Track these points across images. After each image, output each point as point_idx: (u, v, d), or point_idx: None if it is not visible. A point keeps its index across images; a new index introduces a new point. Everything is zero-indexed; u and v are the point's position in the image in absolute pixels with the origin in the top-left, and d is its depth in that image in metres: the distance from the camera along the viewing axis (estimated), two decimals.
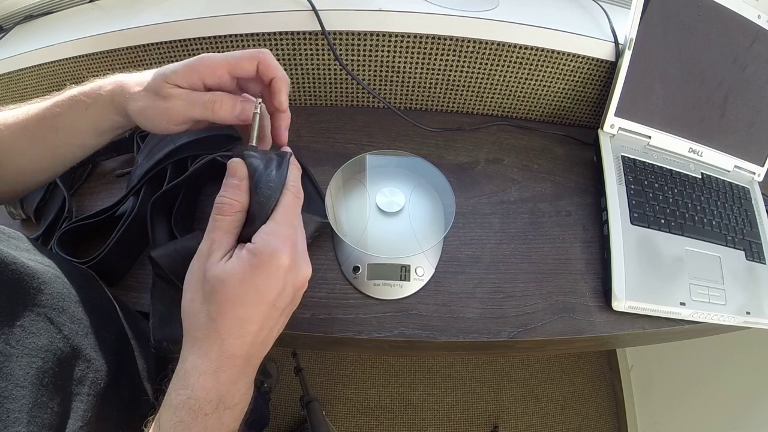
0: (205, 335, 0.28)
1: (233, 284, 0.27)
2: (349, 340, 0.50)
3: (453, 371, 1.34)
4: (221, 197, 0.29)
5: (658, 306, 0.51)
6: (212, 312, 0.28)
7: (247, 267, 0.27)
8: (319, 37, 0.61)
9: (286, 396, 1.29)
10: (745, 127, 0.63)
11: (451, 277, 0.53)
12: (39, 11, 0.72)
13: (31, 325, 0.28)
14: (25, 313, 0.28)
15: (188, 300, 0.29)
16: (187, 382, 0.27)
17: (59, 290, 0.31)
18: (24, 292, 0.29)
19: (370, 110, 0.71)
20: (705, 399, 1.00)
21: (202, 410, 0.27)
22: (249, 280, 0.27)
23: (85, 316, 0.33)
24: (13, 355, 0.26)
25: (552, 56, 0.62)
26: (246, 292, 0.28)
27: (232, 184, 0.29)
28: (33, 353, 0.27)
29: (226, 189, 0.29)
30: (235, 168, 0.30)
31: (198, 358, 0.28)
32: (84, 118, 0.37)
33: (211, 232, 0.29)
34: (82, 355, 0.31)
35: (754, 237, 0.60)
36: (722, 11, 0.58)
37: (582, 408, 1.31)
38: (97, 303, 0.35)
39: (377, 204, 0.55)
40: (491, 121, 0.70)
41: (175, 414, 0.27)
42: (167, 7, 0.62)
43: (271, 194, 0.29)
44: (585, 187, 0.63)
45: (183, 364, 0.28)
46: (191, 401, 0.27)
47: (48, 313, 0.29)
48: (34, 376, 0.27)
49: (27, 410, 0.25)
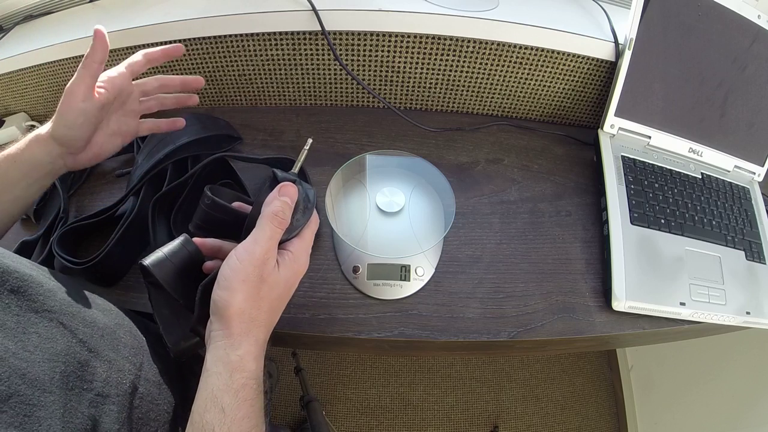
0: (255, 325, 0.33)
1: (283, 285, 0.34)
2: (349, 340, 0.50)
3: (453, 371, 1.34)
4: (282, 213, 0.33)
5: (658, 306, 0.51)
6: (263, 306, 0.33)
7: (291, 272, 0.35)
8: (319, 37, 0.61)
9: (286, 396, 1.29)
10: (745, 127, 0.63)
11: (451, 277, 0.53)
12: (39, 11, 0.72)
13: (46, 331, 0.28)
14: (37, 320, 0.28)
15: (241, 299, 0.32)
16: (244, 367, 0.31)
17: (66, 297, 0.31)
18: (32, 299, 0.28)
19: (370, 110, 0.71)
20: (705, 399, 1.00)
21: (260, 388, 0.32)
22: (290, 281, 0.35)
23: (96, 319, 0.33)
24: (34, 361, 0.26)
25: (552, 56, 0.62)
26: (287, 290, 0.35)
27: (288, 204, 0.34)
28: (54, 358, 0.27)
29: (284, 207, 0.34)
30: (291, 191, 0.35)
31: (251, 345, 0.32)
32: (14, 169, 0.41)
33: (269, 240, 0.33)
34: (102, 357, 0.31)
35: (754, 237, 0.60)
36: (722, 11, 0.58)
37: (582, 408, 1.31)
38: (104, 307, 0.35)
39: (377, 204, 0.55)
40: (491, 121, 0.70)
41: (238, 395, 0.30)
42: (167, 7, 0.62)
43: (306, 218, 0.36)
44: (585, 187, 0.63)
45: (236, 351, 0.32)
46: (251, 381, 0.31)
47: (60, 318, 0.29)
48: (59, 381, 0.26)
49: (60, 416, 0.25)
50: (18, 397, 0.23)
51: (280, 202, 0.33)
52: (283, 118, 0.69)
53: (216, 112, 0.69)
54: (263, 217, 0.33)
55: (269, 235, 0.33)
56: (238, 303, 0.32)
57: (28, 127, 0.71)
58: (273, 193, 0.34)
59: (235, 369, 0.31)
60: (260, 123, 0.68)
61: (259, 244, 0.32)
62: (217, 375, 0.31)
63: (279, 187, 0.34)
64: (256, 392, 0.32)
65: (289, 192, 0.34)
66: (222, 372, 0.31)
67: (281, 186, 0.34)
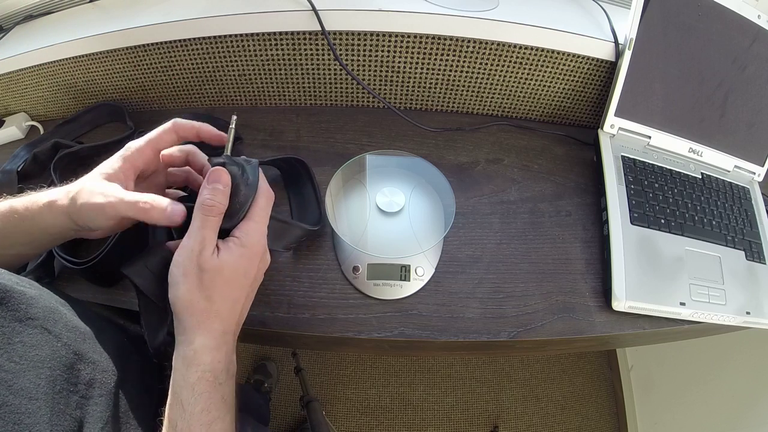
0: (206, 317, 0.33)
1: (228, 271, 0.33)
2: (349, 340, 0.50)
3: (453, 371, 1.34)
4: (210, 201, 0.33)
5: (658, 306, 0.51)
6: (212, 296, 0.33)
7: (237, 257, 0.33)
8: (319, 37, 0.61)
9: (286, 396, 1.29)
10: (745, 127, 0.63)
11: (451, 277, 0.53)
12: (39, 11, 0.72)
13: (30, 339, 0.28)
14: (21, 328, 0.28)
15: (185, 291, 0.32)
16: (199, 360, 0.31)
17: (47, 305, 0.31)
18: (15, 308, 0.29)
19: (370, 110, 0.71)
20: (705, 399, 1.00)
21: (217, 380, 0.32)
22: (239, 266, 0.34)
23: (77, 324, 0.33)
24: (20, 371, 0.26)
25: (552, 56, 0.62)
26: (236, 276, 0.34)
27: (218, 189, 0.33)
28: (39, 365, 0.28)
29: (213, 193, 0.33)
30: (220, 175, 0.34)
31: (204, 337, 0.32)
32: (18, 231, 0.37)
33: (201, 230, 0.32)
34: (86, 359, 0.32)
35: (754, 237, 0.60)
36: (722, 11, 0.58)
37: (582, 408, 1.31)
38: (86, 314, 0.35)
39: (377, 204, 0.55)
40: (491, 121, 0.70)
41: (194, 389, 0.31)
42: (167, 7, 0.62)
43: (248, 197, 0.34)
44: (585, 187, 0.63)
45: (190, 345, 0.32)
46: (207, 374, 0.31)
47: (43, 324, 0.30)
48: (46, 386, 0.27)
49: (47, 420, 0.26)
50: (6, 407, 0.25)
51: (208, 189, 0.33)
52: (283, 118, 0.69)
53: (216, 112, 0.69)
54: (195, 207, 0.33)
55: (199, 224, 0.33)
56: (182, 295, 0.32)
57: (28, 127, 0.71)
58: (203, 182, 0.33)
59: (190, 363, 0.31)
60: (260, 123, 0.68)
61: (191, 236, 0.33)
62: (177, 371, 0.32)
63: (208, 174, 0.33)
64: (213, 385, 0.32)
65: (218, 177, 0.33)
66: (180, 367, 0.32)
67: (209, 173, 0.33)
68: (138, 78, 0.66)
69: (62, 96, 0.69)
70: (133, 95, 0.70)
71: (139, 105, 0.71)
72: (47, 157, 0.60)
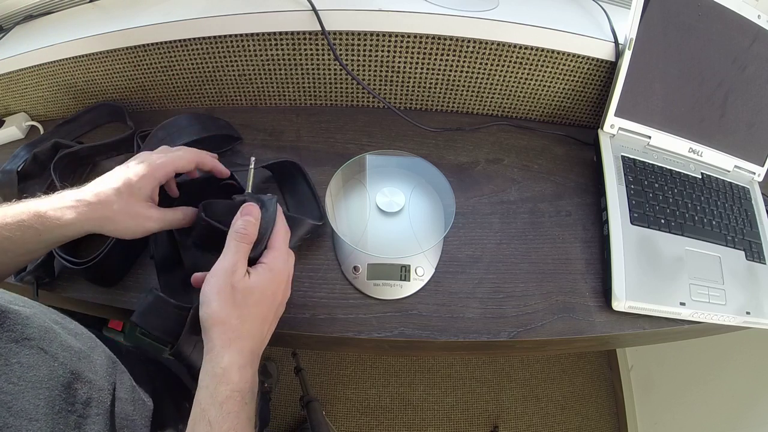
0: (237, 335, 0.34)
1: (258, 292, 0.36)
2: (349, 340, 0.50)
3: (453, 371, 1.34)
4: (243, 230, 0.38)
5: (658, 306, 0.51)
6: (243, 315, 0.35)
7: (266, 280, 0.37)
8: (319, 37, 0.61)
9: (286, 396, 1.29)
10: (745, 127, 0.63)
11: (451, 277, 0.53)
12: (39, 11, 0.72)
13: (27, 360, 0.28)
14: (18, 349, 0.28)
15: (217, 309, 0.34)
16: (228, 378, 0.32)
17: (42, 324, 0.31)
18: (11, 328, 0.29)
19: (370, 110, 0.71)
20: (705, 399, 1.00)
21: (244, 399, 0.33)
22: (268, 288, 0.37)
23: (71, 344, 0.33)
24: (18, 392, 0.26)
25: (552, 56, 0.62)
26: (265, 297, 0.37)
27: (250, 221, 0.38)
28: (37, 385, 0.28)
29: (245, 224, 0.38)
30: (251, 209, 0.39)
31: (234, 355, 0.33)
32: (35, 241, 0.39)
33: (235, 254, 0.36)
34: (83, 378, 0.32)
35: (754, 237, 0.60)
36: (722, 11, 0.58)
37: (582, 408, 1.31)
38: (76, 331, 0.35)
39: (377, 204, 0.55)
40: (491, 121, 0.70)
41: (223, 408, 0.31)
42: (167, 7, 0.62)
43: (268, 227, 0.40)
44: (585, 187, 0.63)
45: (220, 363, 0.33)
46: (236, 394, 0.32)
47: (40, 344, 0.30)
48: (45, 407, 0.27)
49: None
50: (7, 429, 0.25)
51: (243, 221, 0.38)
52: (283, 118, 0.69)
53: (216, 112, 0.69)
54: (228, 235, 0.38)
55: (234, 249, 0.37)
56: (214, 312, 0.34)
57: (28, 127, 0.71)
58: (237, 215, 0.39)
59: (219, 381, 0.32)
60: (260, 123, 0.68)
61: (226, 258, 0.36)
62: (205, 388, 0.32)
63: (242, 208, 0.39)
64: (241, 404, 0.32)
65: (250, 211, 0.39)
66: (209, 385, 0.32)
67: (242, 207, 0.39)
68: (138, 78, 0.66)
69: (62, 96, 0.69)
70: (133, 95, 0.70)
71: (139, 105, 0.71)
72: (47, 157, 0.60)
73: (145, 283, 0.52)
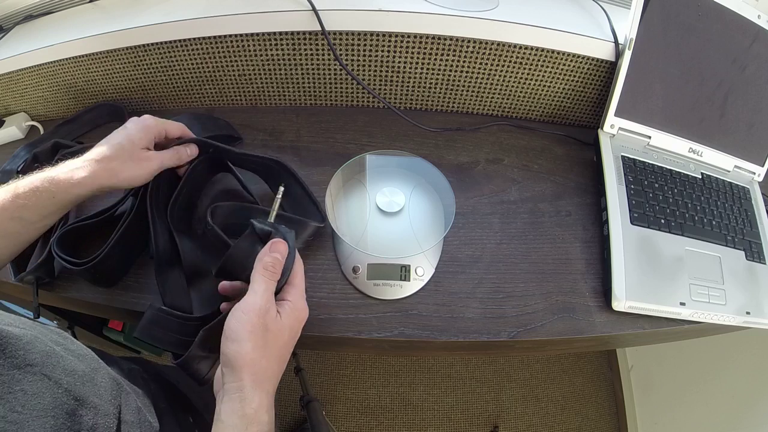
0: (266, 377, 0.35)
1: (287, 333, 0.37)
2: (349, 340, 0.50)
3: (453, 371, 1.34)
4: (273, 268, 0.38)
5: (658, 306, 0.51)
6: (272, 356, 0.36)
7: (292, 320, 0.38)
8: (319, 37, 0.61)
9: (286, 396, 1.29)
10: (745, 127, 0.63)
11: (451, 277, 0.53)
12: (39, 11, 0.72)
13: (31, 387, 0.28)
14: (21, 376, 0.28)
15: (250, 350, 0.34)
16: (259, 419, 0.33)
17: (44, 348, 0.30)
18: (13, 354, 0.28)
19: (370, 110, 0.71)
20: (705, 399, 1.00)
21: None
22: (293, 328, 0.38)
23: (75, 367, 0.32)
24: (23, 422, 0.26)
25: (552, 56, 0.62)
26: (291, 338, 0.38)
27: (278, 259, 0.38)
28: (42, 414, 0.27)
29: (275, 263, 0.38)
30: (279, 247, 0.39)
31: (264, 396, 0.34)
32: (50, 204, 0.42)
33: (266, 292, 0.36)
34: (87, 404, 0.31)
35: (754, 237, 0.60)
36: (722, 11, 0.58)
37: (582, 408, 1.31)
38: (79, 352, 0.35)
39: (377, 204, 0.55)
40: (491, 121, 0.70)
41: None
42: (167, 7, 0.62)
43: (290, 263, 0.39)
44: (585, 187, 0.63)
45: (251, 404, 0.33)
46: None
47: (42, 371, 0.29)
48: None
49: None
50: None
51: (271, 257, 0.38)
52: (283, 118, 0.69)
53: (216, 112, 0.69)
54: (256, 271, 0.37)
55: (265, 287, 0.36)
56: (247, 352, 0.34)
57: (28, 127, 0.71)
58: (265, 249, 0.39)
59: (251, 422, 0.32)
60: (260, 123, 0.68)
61: (258, 295, 0.36)
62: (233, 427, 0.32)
63: (270, 244, 0.39)
64: None
65: (280, 249, 0.39)
66: (238, 424, 0.32)
67: (272, 243, 0.39)
68: (138, 78, 0.66)
69: (62, 96, 0.69)
70: (133, 95, 0.70)
71: (139, 105, 0.71)
72: (47, 157, 0.60)
73: (145, 283, 0.52)
